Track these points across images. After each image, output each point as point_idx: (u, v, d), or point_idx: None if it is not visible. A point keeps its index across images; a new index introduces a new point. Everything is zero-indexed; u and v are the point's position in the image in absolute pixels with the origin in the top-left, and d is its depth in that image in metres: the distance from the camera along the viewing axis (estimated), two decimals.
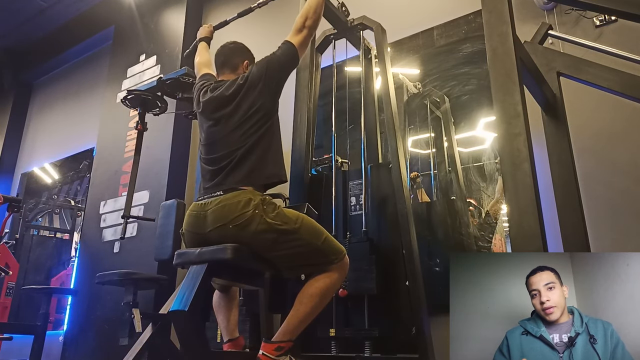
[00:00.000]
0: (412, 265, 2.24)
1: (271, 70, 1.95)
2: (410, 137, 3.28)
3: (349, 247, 2.29)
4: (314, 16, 2.06)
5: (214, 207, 1.77)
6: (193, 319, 1.60)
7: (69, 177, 5.73)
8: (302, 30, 2.03)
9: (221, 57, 2.15)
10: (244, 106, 1.90)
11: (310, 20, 2.05)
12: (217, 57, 2.16)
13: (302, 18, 2.04)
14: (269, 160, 1.88)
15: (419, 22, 3.34)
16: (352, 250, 2.29)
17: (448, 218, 3.01)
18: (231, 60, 2.13)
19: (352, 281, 2.24)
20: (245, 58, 2.15)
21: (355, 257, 2.23)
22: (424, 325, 2.13)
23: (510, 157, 1.51)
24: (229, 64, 2.12)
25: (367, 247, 2.34)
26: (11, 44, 6.18)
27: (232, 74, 2.09)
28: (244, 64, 2.12)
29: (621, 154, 2.49)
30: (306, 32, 2.04)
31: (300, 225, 1.78)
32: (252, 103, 1.90)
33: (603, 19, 2.66)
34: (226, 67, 2.12)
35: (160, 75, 3.75)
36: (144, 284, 2.82)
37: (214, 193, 1.82)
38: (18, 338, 3.91)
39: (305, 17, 2.04)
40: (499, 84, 1.61)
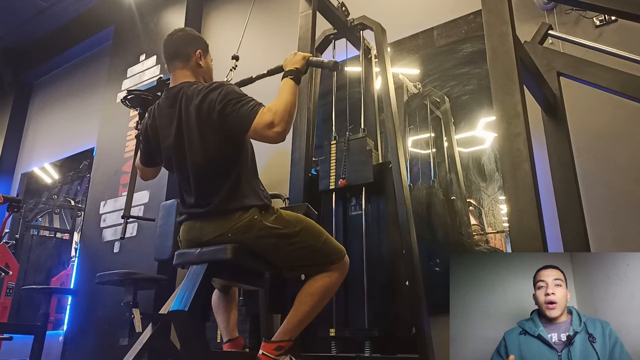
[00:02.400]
0: (412, 265, 2.24)
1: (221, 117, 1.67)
2: (410, 137, 3.28)
3: (349, 143, 2.49)
4: (289, 118, 1.66)
5: (209, 219, 1.73)
6: (193, 319, 1.60)
7: (69, 177, 5.73)
8: (270, 128, 1.61)
9: (171, 47, 1.88)
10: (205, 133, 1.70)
11: (284, 124, 1.63)
12: (166, 48, 1.90)
13: (274, 115, 1.62)
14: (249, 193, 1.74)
15: (419, 22, 3.34)
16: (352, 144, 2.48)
17: (448, 218, 3.01)
18: (183, 50, 1.87)
19: (350, 173, 2.42)
20: (197, 47, 1.89)
21: (355, 151, 2.44)
22: (424, 325, 2.13)
23: (510, 157, 1.51)
24: (181, 54, 1.86)
25: (364, 141, 2.47)
26: (11, 44, 6.19)
27: (184, 68, 1.86)
28: (196, 54, 1.88)
29: (621, 154, 2.49)
30: (271, 135, 1.62)
31: (300, 228, 1.77)
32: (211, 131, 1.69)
33: (603, 19, 2.66)
34: (177, 58, 1.86)
35: (160, 75, 3.76)
36: (144, 284, 2.82)
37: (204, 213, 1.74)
38: (18, 338, 3.91)
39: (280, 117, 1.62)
40: (499, 84, 1.61)
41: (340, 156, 2.51)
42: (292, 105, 1.69)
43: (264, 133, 1.62)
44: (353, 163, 2.47)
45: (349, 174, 2.45)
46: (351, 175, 2.45)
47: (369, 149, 2.46)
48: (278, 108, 1.64)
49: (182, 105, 1.76)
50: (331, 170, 2.53)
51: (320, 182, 2.55)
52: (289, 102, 1.69)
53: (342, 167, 2.48)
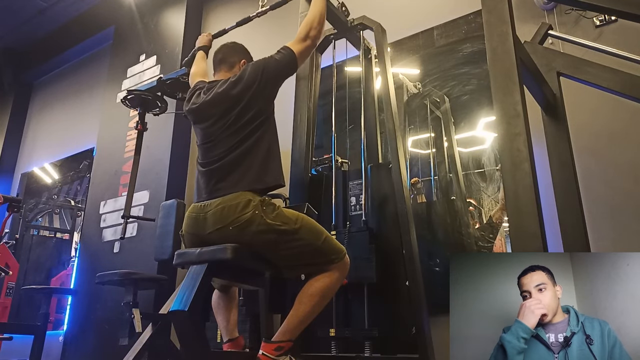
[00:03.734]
0: (412, 265, 2.24)
1: (267, 73, 1.91)
2: (410, 137, 3.28)
3: (349, 237, 2.32)
4: (318, 26, 2.02)
5: (213, 209, 1.77)
6: (193, 319, 1.60)
7: (69, 177, 5.73)
8: (306, 40, 1.99)
9: (219, 54, 2.13)
10: (238, 107, 1.87)
11: (315, 31, 2.01)
12: (216, 54, 2.14)
13: (306, 27, 2.01)
14: (268, 167, 1.85)
15: (419, 22, 3.34)
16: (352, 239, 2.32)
17: (448, 218, 3.01)
18: (229, 58, 2.10)
19: (352, 270, 2.16)
20: (243, 57, 2.12)
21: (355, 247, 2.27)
22: (424, 325, 2.13)
23: (510, 157, 1.51)
24: (227, 61, 2.10)
25: (366, 237, 2.34)
26: (11, 44, 6.19)
27: (228, 72, 2.07)
28: (240, 63, 2.09)
29: (621, 154, 2.49)
30: (309, 42, 2.00)
31: (300, 226, 1.78)
32: (246, 104, 1.87)
33: (603, 19, 2.66)
34: (223, 64, 2.10)
35: (160, 75, 3.75)
36: (144, 284, 2.83)
37: (213, 195, 1.81)
38: (18, 338, 3.91)
39: (310, 27, 2.00)
40: (499, 84, 1.60)
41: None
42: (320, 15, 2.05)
43: (304, 46, 1.98)
44: (353, 259, 2.17)
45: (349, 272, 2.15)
46: (352, 272, 2.10)
47: (371, 245, 2.32)
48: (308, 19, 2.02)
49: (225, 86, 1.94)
50: None
51: None
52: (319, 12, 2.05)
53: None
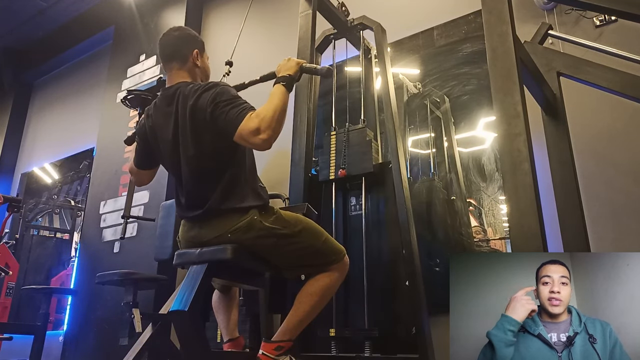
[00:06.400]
0: (412, 265, 2.24)
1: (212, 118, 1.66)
2: (410, 137, 3.28)
3: (349, 134, 2.50)
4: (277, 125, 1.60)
5: (206, 221, 1.73)
6: (193, 319, 1.60)
7: (69, 177, 5.73)
8: (256, 135, 1.56)
9: (168, 48, 1.86)
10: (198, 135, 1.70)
11: (270, 132, 1.57)
12: (163, 49, 1.87)
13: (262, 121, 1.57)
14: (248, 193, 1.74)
15: (419, 22, 3.34)
16: (353, 135, 2.50)
17: (448, 218, 3.01)
18: (180, 50, 1.85)
19: (350, 163, 2.41)
20: (194, 46, 1.88)
21: (354, 142, 2.45)
22: (424, 325, 2.13)
23: (510, 157, 1.51)
24: (178, 55, 1.84)
25: (364, 132, 2.48)
26: (11, 44, 6.18)
27: (181, 69, 1.85)
28: (193, 54, 1.86)
29: (621, 154, 2.49)
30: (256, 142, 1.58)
31: (300, 228, 1.77)
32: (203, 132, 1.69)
33: (603, 19, 2.66)
34: (175, 59, 1.84)
35: (160, 75, 3.75)
36: (144, 284, 2.82)
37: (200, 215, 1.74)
38: (18, 338, 3.90)
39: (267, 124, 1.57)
40: (499, 84, 1.61)
41: (340, 147, 2.52)
42: (281, 112, 1.63)
43: (249, 139, 1.58)
44: (353, 154, 2.47)
45: (348, 165, 2.45)
46: (351, 165, 2.45)
47: (368, 139, 2.47)
48: (266, 115, 1.58)
49: (179, 105, 1.75)
50: (331, 160, 2.54)
51: (320, 173, 2.56)
52: (278, 108, 1.63)
53: (342, 157, 2.48)
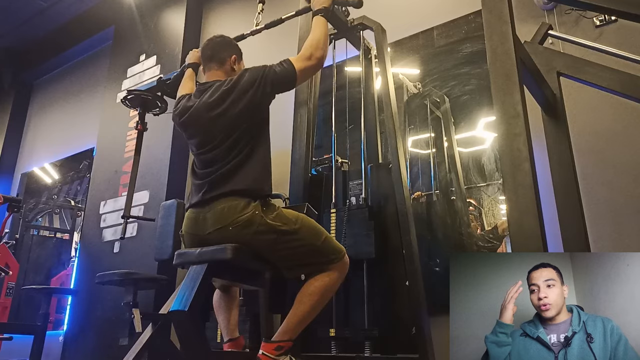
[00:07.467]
0: (412, 265, 2.24)
1: (264, 84, 1.85)
2: (410, 137, 3.28)
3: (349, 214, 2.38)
4: (324, 47, 1.95)
5: (213, 209, 1.77)
6: (193, 319, 1.61)
7: (69, 177, 5.73)
8: (310, 59, 1.91)
9: (208, 50, 2.05)
10: (233, 113, 1.83)
11: (321, 51, 1.93)
12: (204, 51, 2.06)
13: (311, 47, 1.93)
14: (264, 176, 1.83)
15: (419, 22, 3.34)
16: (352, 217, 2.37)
17: (448, 218, 3.01)
18: (219, 53, 2.03)
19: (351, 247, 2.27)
20: (233, 52, 2.06)
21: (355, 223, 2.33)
22: (424, 325, 2.13)
23: (510, 157, 1.51)
24: (217, 57, 2.02)
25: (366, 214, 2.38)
26: (11, 44, 6.18)
27: (219, 70, 2.01)
28: (231, 59, 2.03)
29: (621, 154, 2.49)
30: (314, 62, 1.92)
31: (300, 226, 1.78)
32: (240, 111, 1.83)
33: (603, 19, 2.66)
34: (213, 61, 2.02)
35: (160, 75, 3.75)
36: (144, 284, 2.82)
37: (212, 199, 1.79)
38: (18, 338, 3.90)
39: (315, 47, 1.92)
40: (499, 84, 1.61)
41: (340, 227, 2.40)
42: (325, 37, 1.98)
43: (307, 64, 1.90)
44: (353, 235, 2.33)
45: (349, 248, 2.18)
46: (351, 248, 2.23)
47: (370, 221, 2.35)
48: (312, 41, 1.94)
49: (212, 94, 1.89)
50: None
51: None
52: (322, 35, 1.98)
53: (342, 238, 2.34)
